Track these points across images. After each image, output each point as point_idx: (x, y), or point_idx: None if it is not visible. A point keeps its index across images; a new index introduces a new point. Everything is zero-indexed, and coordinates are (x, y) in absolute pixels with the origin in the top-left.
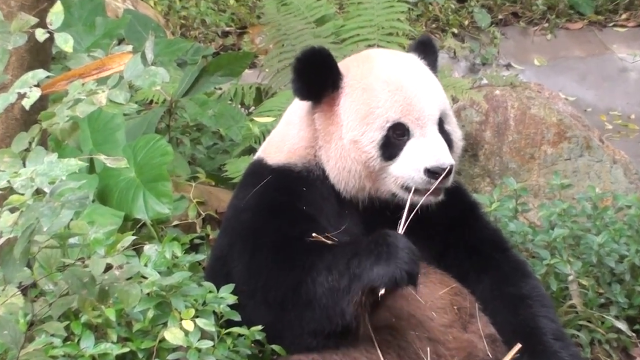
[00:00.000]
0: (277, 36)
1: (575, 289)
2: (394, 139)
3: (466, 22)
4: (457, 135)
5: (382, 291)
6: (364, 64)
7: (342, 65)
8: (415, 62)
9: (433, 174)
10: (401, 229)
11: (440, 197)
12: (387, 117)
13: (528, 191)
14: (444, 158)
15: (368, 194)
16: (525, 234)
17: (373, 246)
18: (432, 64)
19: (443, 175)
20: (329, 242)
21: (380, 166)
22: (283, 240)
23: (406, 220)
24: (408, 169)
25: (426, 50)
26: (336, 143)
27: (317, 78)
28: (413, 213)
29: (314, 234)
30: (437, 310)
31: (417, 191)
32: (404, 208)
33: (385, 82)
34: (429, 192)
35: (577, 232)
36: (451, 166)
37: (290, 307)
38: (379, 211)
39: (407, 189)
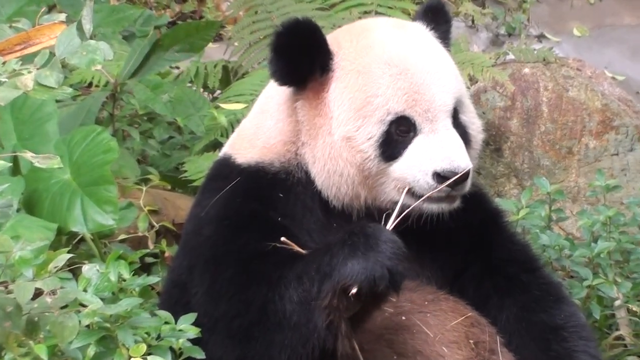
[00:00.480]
0: (249, 1)
1: (624, 316)
2: (397, 136)
3: None
4: (475, 127)
5: (354, 290)
6: (360, 40)
7: (331, 40)
8: (423, 35)
9: (444, 179)
10: (389, 225)
11: (456, 203)
12: (389, 109)
13: (565, 194)
14: (460, 160)
15: (364, 203)
16: (560, 249)
17: (347, 237)
18: (444, 35)
19: (457, 180)
20: (303, 251)
21: (378, 168)
22: (249, 257)
23: (397, 216)
24: (412, 170)
25: (436, 18)
26: (324, 140)
27: (302, 58)
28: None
29: (282, 238)
30: (449, 345)
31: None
32: (408, 220)
33: (386, 63)
34: (439, 199)
35: (626, 246)
36: (468, 170)
37: (257, 335)
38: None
39: (411, 193)
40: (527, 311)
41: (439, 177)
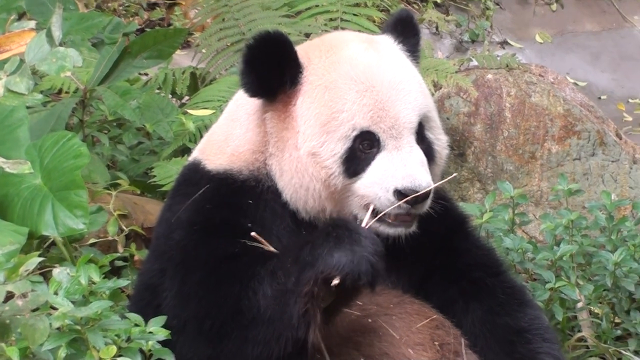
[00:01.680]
0: (216, 8)
1: (586, 318)
2: (360, 152)
3: None
4: (440, 143)
5: (336, 281)
6: (329, 55)
7: (301, 53)
8: (391, 51)
9: (405, 197)
10: (363, 225)
11: (412, 228)
12: (354, 124)
13: (528, 199)
14: (421, 179)
15: (330, 216)
16: (524, 252)
17: (330, 229)
18: (413, 48)
19: (417, 199)
20: (273, 249)
21: (343, 184)
22: (219, 260)
23: (371, 217)
24: (374, 187)
25: (405, 30)
26: (290, 154)
27: (273, 71)
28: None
29: (253, 233)
30: (414, 347)
31: (384, 218)
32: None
33: (352, 79)
34: (396, 222)
35: (587, 249)
36: (429, 189)
37: (230, 332)
38: None
39: (373, 211)
40: (491, 314)
41: (400, 194)
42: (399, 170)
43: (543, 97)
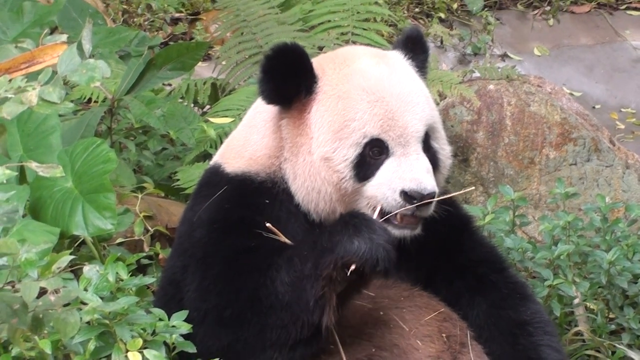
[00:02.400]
0: (235, 23)
1: (582, 313)
2: (370, 158)
3: (455, 6)
4: (445, 152)
5: (354, 266)
6: (342, 67)
7: (316, 65)
8: (401, 65)
9: (410, 198)
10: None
11: (417, 230)
12: (365, 132)
13: (527, 201)
14: (426, 182)
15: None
16: (524, 251)
17: (348, 219)
18: (421, 64)
19: (423, 202)
20: (288, 241)
21: (353, 188)
22: (237, 255)
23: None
24: (382, 188)
25: (415, 47)
26: (304, 158)
27: (289, 81)
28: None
29: (268, 224)
30: (423, 339)
31: (391, 219)
32: None
33: (364, 90)
34: (402, 224)
35: (583, 249)
36: (433, 193)
37: (249, 319)
38: None
39: (380, 212)
40: (495, 308)
41: (406, 195)
42: (406, 174)
43: (541, 106)
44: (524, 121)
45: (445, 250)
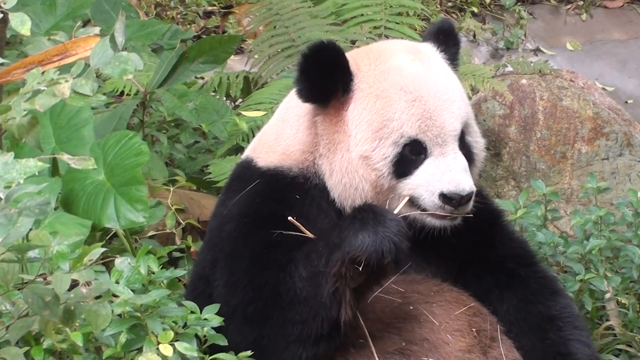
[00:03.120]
0: (268, 17)
1: (614, 308)
2: (409, 157)
3: (487, 0)
4: (479, 146)
5: (362, 265)
6: (378, 64)
7: (350, 61)
8: (435, 61)
9: (449, 200)
10: (395, 211)
11: (457, 221)
12: (403, 132)
13: (559, 196)
14: (464, 183)
15: None
16: (555, 245)
17: (357, 212)
18: (453, 57)
19: (461, 201)
20: (310, 234)
21: (390, 184)
22: (264, 249)
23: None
24: (421, 190)
25: (447, 40)
26: (342, 155)
27: (326, 79)
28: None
29: (289, 218)
30: (453, 333)
31: (432, 213)
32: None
33: (402, 89)
34: (442, 216)
35: (615, 243)
36: (472, 193)
37: (271, 314)
38: None
39: (416, 206)
40: (525, 303)
41: (445, 198)
42: (445, 175)
43: (574, 101)
44: (557, 115)
45: (475, 245)
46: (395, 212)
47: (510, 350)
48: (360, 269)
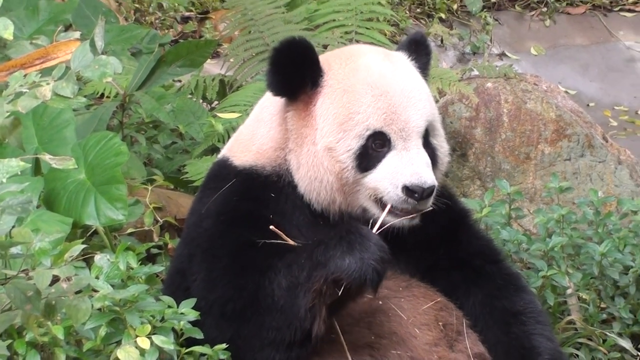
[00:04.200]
0: (243, 22)
1: (575, 303)
2: (372, 150)
3: (455, 6)
4: (443, 150)
5: (344, 283)
6: (348, 63)
7: (323, 60)
8: (404, 65)
9: (412, 192)
10: (375, 230)
11: (416, 221)
12: (368, 125)
13: (523, 195)
14: (426, 177)
15: (338, 208)
16: (519, 243)
17: (344, 233)
18: (424, 66)
19: (422, 195)
20: (292, 241)
21: (354, 178)
22: (243, 248)
23: (381, 225)
24: (384, 183)
25: (418, 49)
26: (308, 148)
27: (296, 73)
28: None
29: (271, 227)
30: (420, 327)
31: (392, 210)
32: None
33: (369, 85)
34: (402, 215)
35: (576, 241)
36: (433, 187)
37: (249, 317)
38: None
39: (380, 203)
40: (491, 298)
41: (407, 190)
42: (407, 168)
43: (537, 103)
44: (521, 118)
45: (443, 242)
46: (379, 223)
47: (476, 343)
48: (340, 291)
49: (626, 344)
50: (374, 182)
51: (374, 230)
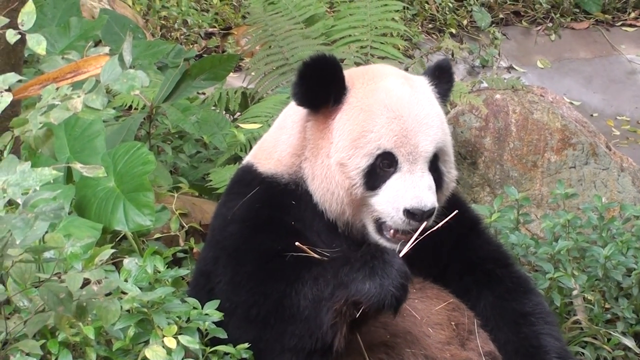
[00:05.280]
0: (264, 37)
1: (580, 304)
2: (380, 169)
3: (465, 22)
4: (450, 176)
5: (363, 307)
6: (369, 83)
7: (347, 77)
8: (423, 90)
9: (412, 215)
10: (404, 251)
11: (406, 248)
12: (379, 144)
13: (530, 201)
14: (426, 200)
15: (347, 220)
16: (527, 247)
17: (369, 258)
18: (444, 92)
19: (423, 216)
20: (315, 254)
21: (362, 195)
22: (267, 255)
23: (411, 244)
24: (387, 206)
25: (441, 76)
26: (322, 161)
27: (321, 88)
28: (419, 239)
29: (297, 243)
30: (433, 327)
31: (385, 233)
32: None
33: (386, 107)
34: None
35: (582, 244)
36: (433, 209)
37: (273, 323)
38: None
39: (379, 226)
40: (501, 300)
41: (408, 213)
42: (408, 192)
43: (543, 114)
44: (528, 128)
45: (456, 248)
46: (405, 250)
47: (486, 342)
48: (358, 314)
49: (629, 342)
50: (378, 204)
51: (400, 254)
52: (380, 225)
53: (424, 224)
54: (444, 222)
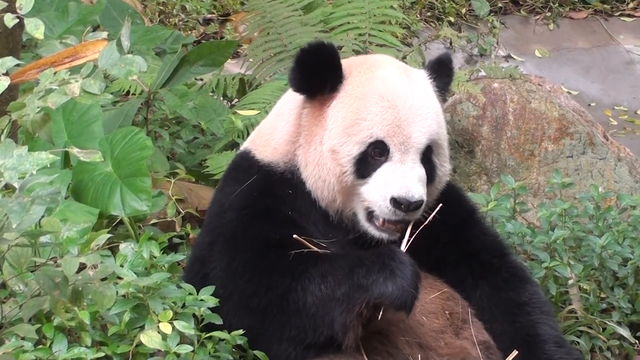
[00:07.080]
0: (262, 24)
1: (576, 293)
2: (371, 158)
3: (463, 11)
4: (443, 169)
5: (384, 307)
6: (367, 72)
7: (345, 66)
8: (420, 82)
9: (399, 204)
10: (404, 247)
11: (395, 236)
12: (371, 133)
13: (527, 190)
14: (414, 191)
15: (337, 208)
16: (523, 235)
17: (386, 260)
18: (443, 86)
19: (410, 207)
20: (313, 245)
21: (352, 183)
22: (266, 245)
23: (409, 239)
24: (376, 194)
25: (441, 70)
26: (315, 147)
27: (318, 75)
28: (417, 232)
29: (295, 236)
30: (428, 315)
31: (374, 222)
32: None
33: (380, 96)
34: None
35: (578, 234)
36: (420, 201)
37: (274, 313)
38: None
39: (370, 214)
40: (497, 290)
41: (395, 202)
42: (397, 181)
43: (541, 103)
44: (525, 117)
45: (452, 238)
46: (403, 246)
47: (480, 331)
48: (379, 315)
49: (625, 332)
50: (367, 193)
51: (403, 247)
52: (370, 214)
53: (414, 217)
54: (432, 215)
